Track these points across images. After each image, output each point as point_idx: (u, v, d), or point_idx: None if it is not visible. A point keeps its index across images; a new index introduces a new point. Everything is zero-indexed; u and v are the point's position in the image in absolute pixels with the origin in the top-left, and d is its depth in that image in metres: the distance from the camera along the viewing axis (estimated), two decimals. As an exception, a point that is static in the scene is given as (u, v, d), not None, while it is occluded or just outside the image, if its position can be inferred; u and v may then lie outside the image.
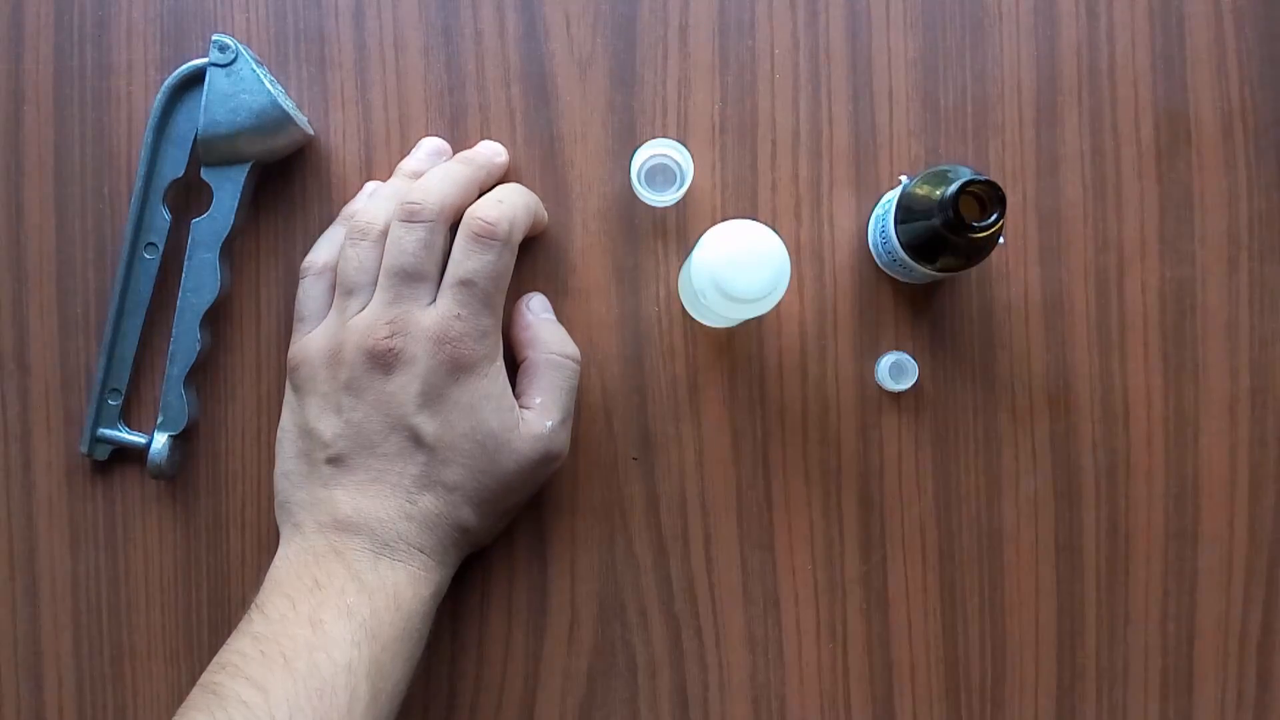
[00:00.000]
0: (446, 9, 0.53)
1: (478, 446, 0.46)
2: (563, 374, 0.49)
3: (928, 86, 0.53)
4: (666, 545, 0.52)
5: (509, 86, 0.53)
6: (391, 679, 0.43)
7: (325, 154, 0.53)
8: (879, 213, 0.50)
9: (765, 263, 0.44)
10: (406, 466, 0.46)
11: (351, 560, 0.45)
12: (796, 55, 0.53)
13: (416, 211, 0.46)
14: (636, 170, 0.50)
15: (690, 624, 0.52)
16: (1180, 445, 0.52)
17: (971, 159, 0.53)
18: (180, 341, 0.51)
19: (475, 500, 0.47)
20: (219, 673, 0.41)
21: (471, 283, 0.46)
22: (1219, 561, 0.52)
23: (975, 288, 0.52)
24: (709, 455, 0.52)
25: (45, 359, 0.52)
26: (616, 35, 0.53)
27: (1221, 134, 0.53)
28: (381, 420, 0.46)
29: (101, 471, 0.52)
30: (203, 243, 0.50)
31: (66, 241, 0.52)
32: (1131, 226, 0.53)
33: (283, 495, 0.48)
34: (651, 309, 0.52)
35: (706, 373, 0.52)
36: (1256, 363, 0.53)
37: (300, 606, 0.43)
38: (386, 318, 0.46)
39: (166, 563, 0.52)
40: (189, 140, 0.50)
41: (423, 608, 0.45)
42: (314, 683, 0.40)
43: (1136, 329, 0.53)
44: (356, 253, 0.47)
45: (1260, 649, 0.52)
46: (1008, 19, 0.53)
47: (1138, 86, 0.53)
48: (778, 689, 0.52)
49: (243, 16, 0.53)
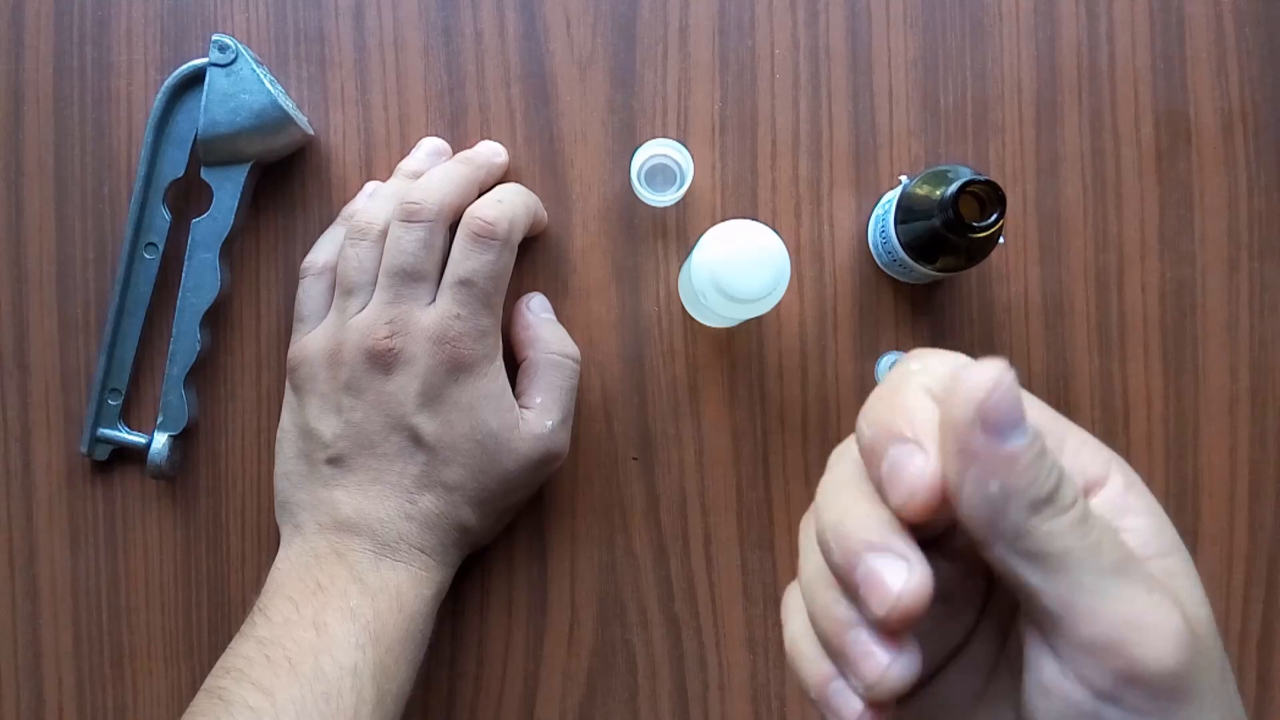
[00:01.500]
0: (446, 9, 0.53)
1: (477, 446, 0.46)
2: (563, 374, 0.49)
3: (928, 86, 0.53)
4: (666, 545, 0.52)
5: (509, 86, 0.53)
6: (396, 681, 0.43)
7: (325, 154, 0.53)
8: (879, 213, 0.50)
9: (765, 263, 0.43)
10: (407, 466, 0.46)
11: (353, 561, 0.45)
12: (796, 55, 0.53)
13: (416, 211, 0.46)
14: (636, 170, 0.50)
15: (690, 624, 0.52)
16: (1180, 445, 0.52)
17: (971, 159, 0.53)
18: (180, 341, 0.51)
19: (475, 500, 0.47)
20: (224, 677, 0.41)
21: (471, 282, 0.46)
22: (1219, 561, 0.52)
23: (975, 288, 0.52)
24: (709, 455, 0.52)
25: (45, 359, 0.52)
26: (616, 35, 0.53)
27: (1221, 134, 0.53)
28: (381, 420, 0.46)
29: (101, 471, 0.52)
30: (203, 243, 0.50)
31: (66, 241, 0.52)
32: (1131, 226, 0.53)
33: (283, 496, 0.48)
34: (651, 309, 0.52)
35: (706, 373, 0.52)
36: (1256, 363, 0.53)
37: (303, 609, 0.43)
38: (386, 318, 0.46)
39: (166, 563, 0.52)
40: (189, 140, 0.50)
41: (425, 608, 0.45)
42: (320, 686, 0.40)
43: (1136, 329, 0.52)
44: (356, 253, 0.47)
45: (1260, 649, 0.52)
46: (1008, 19, 0.53)
47: (1138, 86, 0.53)
48: (778, 689, 0.52)
49: (243, 16, 0.53)
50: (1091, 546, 0.24)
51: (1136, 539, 0.26)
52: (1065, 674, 0.24)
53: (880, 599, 0.24)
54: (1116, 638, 0.23)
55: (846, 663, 0.25)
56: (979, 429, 0.23)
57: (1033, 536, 0.24)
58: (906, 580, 0.24)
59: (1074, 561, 0.24)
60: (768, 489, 0.52)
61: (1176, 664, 0.23)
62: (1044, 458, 0.24)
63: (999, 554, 0.24)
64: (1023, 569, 0.24)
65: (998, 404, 0.23)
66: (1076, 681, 0.24)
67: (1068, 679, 0.24)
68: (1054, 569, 0.24)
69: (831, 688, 0.26)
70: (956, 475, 0.24)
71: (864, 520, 0.25)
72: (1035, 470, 0.23)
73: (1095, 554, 0.24)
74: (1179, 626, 0.24)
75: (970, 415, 0.23)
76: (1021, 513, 0.24)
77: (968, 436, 0.23)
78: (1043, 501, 0.24)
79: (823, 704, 0.26)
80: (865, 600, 0.24)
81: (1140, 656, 0.23)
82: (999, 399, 0.23)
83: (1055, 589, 0.24)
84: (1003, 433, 0.23)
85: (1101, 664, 0.24)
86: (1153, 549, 0.26)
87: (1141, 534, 0.26)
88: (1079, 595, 0.24)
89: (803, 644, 0.27)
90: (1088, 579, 0.24)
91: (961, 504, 0.24)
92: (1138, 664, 0.23)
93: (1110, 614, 0.23)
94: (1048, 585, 0.24)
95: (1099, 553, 0.24)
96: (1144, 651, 0.23)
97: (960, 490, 0.24)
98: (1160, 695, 0.23)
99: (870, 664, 0.25)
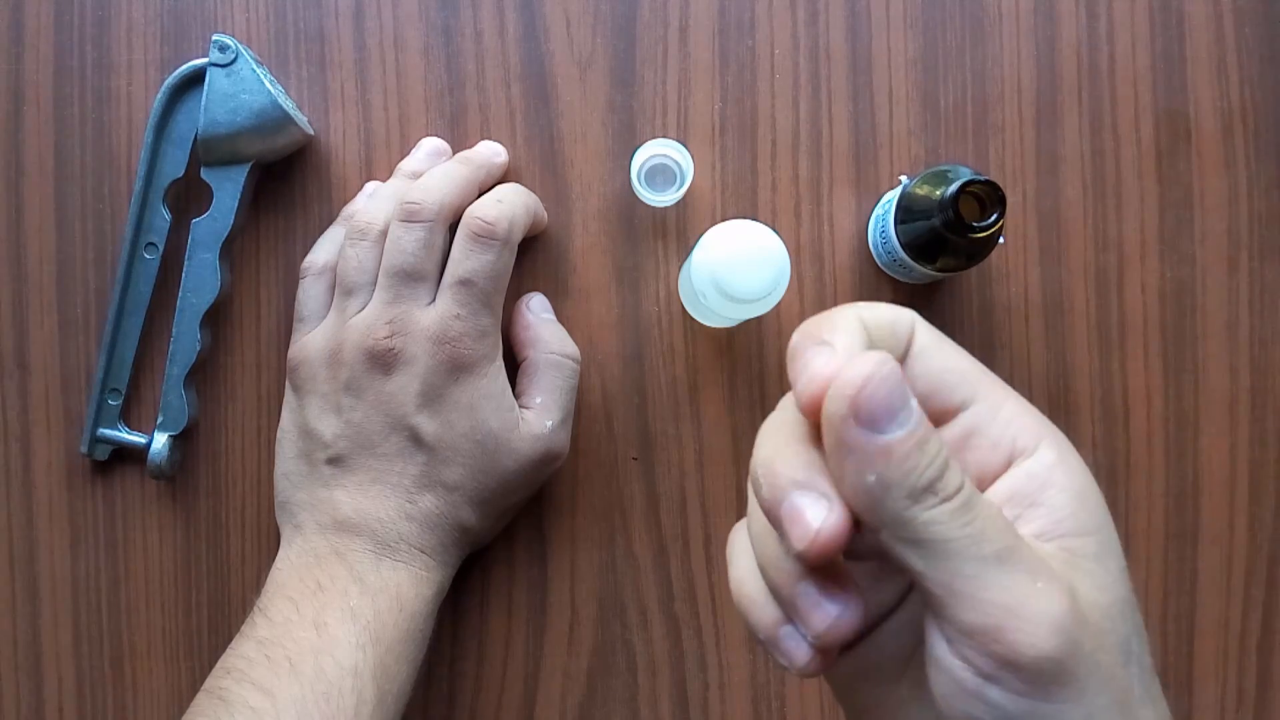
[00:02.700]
0: (446, 9, 0.53)
1: (477, 446, 0.46)
2: (563, 374, 0.49)
3: (928, 86, 0.53)
4: (666, 545, 0.52)
5: (509, 86, 0.53)
6: (397, 681, 0.43)
7: (325, 154, 0.53)
8: (879, 213, 0.50)
9: (765, 263, 0.43)
10: (407, 466, 0.46)
11: (353, 562, 0.45)
12: (796, 55, 0.53)
13: (416, 211, 0.46)
14: (636, 170, 0.50)
15: (690, 624, 0.52)
16: (1180, 445, 0.52)
17: (971, 159, 0.53)
18: (180, 341, 0.51)
19: (475, 500, 0.47)
20: (224, 678, 0.41)
21: (471, 282, 0.46)
22: (1219, 561, 0.52)
23: (975, 288, 0.52)
24: (709, 455, 0.52)
25: (45, 359, 0.52)
26: (616, 35, 0.53)
27: (1221, 134, 0.53)
28: (381, 420, 0.46)
29: (101, 471, 0.52)
30: (203, 243, 0.50)
31: (66, 241, 0.52)
32: (1131, 226, 0.53)
33: (283, 496, 0.48)
34: (651, 309, 0.52)
35: (706, 373, 0.52)
36: (1256, 363, 0.53)
37: (304, 609, 0.43)
38: (386, 317, 0.46)
39: (166, 563, 0.52)
40: (189, 140, 0.50)
41: (425, 608, 0.45)
42: (320, 687, 0.40)
43: (1136, 329, 0.52)
44: (356, 253, 0.47)
45: (1260, 649, 0.52)
46: (1008, 19, 0.53)
47: (1138, 86, 0.53)
48: (778, 689, 0.52)
49: (243, 16, 0.53)
50: (973, 535, 0.24)
51: (1050, 516, 0.27)
52: (952, 653, 0.25)
53: (801, 533, 0.25)
54: (994, 624, 0.24)
55: (796, 612, 0.27)
56: (853, 422, 0.24)
57: (912, 525, 0.24)
58: (825, 517, 0.25)
59: (955, 550, 0.24)
60: (768, 489, 0.52)
61: (1054, 649, 0.24)
62: (924, 448, 0.24)
63: (884, 539, 0.25)
64: (906, 555, 0.25)
65: (871, 396, 0.24)
66: (961, 661, 0.25)
67: (955, 658, 0.25)
68: (935, 556, 0.24)
69: (781, 632, 0.27)
70: (836, 467, 0.25)
71: (792, 459, 0.26)
72: (913, 461, 0.24)
73: (977, 542, 0.24)
74: (1059, 614, 0.24)
75: (844, 409, 0.24)
76: (900, 502, 0.24)
77: (842, 429, 0.24)
78: (921, 490, 0.24)
79: (772, 646, 0.28)
80: (787, 534, 0.25)
81: (1015, 642, 0.24)
82: (873, 391, 0.24)
83: (937, 575, 0.24)
84: (877, 424, 0.24)
85: (981, 648, 0.24)
86: (1066, 528, 0.27)
87: (1057, 511, 0.27)
88: (959, 582, 0.24)
89: (749, 587, 0.28)
90: (968, 566, 0.24)
91: (843, 494, 0.25)
92: (1013, 650, 0.24)
93: (989, 601, 0.24)
94: (930, 571, 0.24)
95: (981, 541, 0.24)
96: (1019, 638, 0.24)
97: (841, 481, 0.25)
98: (1038, 679, 0.24)
99: (819, 614, 0.26)
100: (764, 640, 0.28)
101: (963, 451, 0.28)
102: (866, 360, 0.24)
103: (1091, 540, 0.27)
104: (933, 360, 0.28)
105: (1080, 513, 0.27)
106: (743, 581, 0.28)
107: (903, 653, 0.29)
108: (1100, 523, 0.27)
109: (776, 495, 0.26)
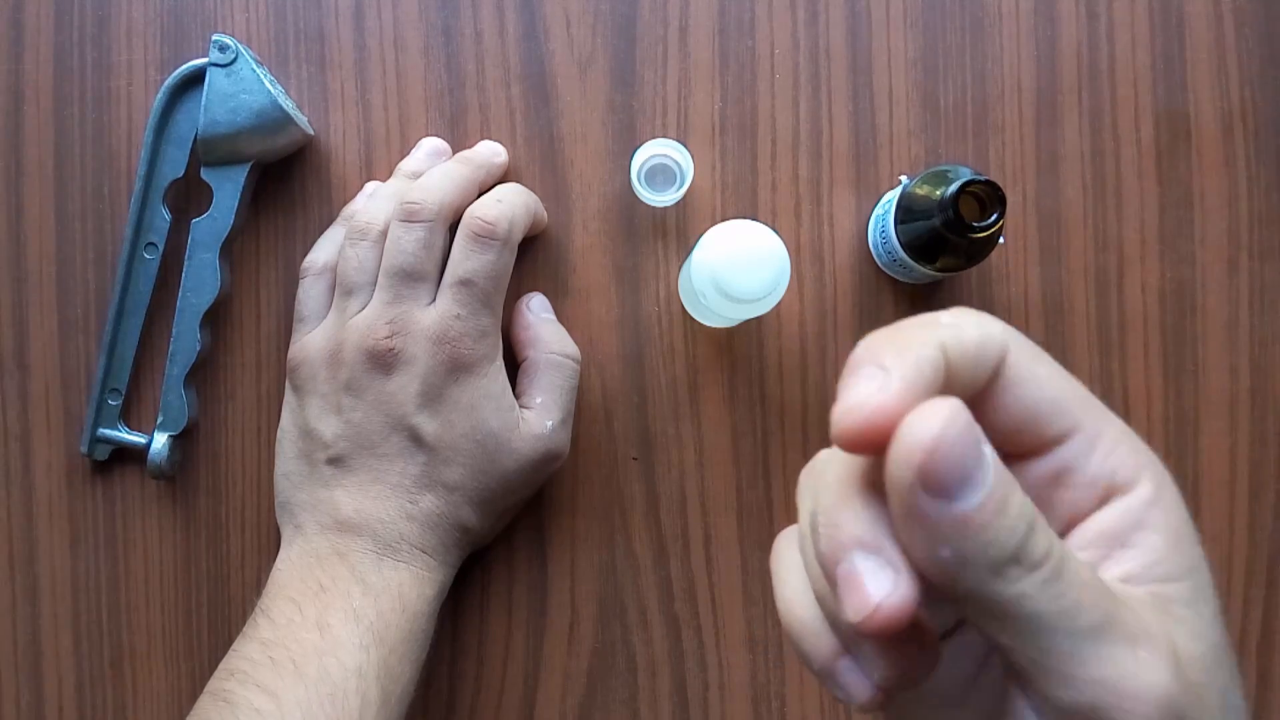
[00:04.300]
0: (446, 9, 0.53)
1: (478, 446, 0.46)
2: (563, 374, 0.49)
3: (928, 86, 0.53)
4: (666, 545, 0.52)
5: (509, 86, 0.53)
6: (400, 681, 0.43)
7: (325, 154, 0.53)
8: (879, 213, 0.50)
9: (765, 263, 0.43)
10: (407, 466, 0.46)
11: (355, 562, 0.45)
12: (796, 55, 0.53)
13: (416, 211, 0.46)
14: (636, 170, 0.50)
15: (690, 624, 0.52)
16: (1180, 445, 0.52)
17: (971, 159, 0.53)
18: (180, 341, 0.51)
19: (476, 500, 0.47)
20: (228, 679, 0.41)
21: (471, 282, 0.46)
22: (1219, 561, 0.52)
23: (975, 288, 0.52)
24: (709, 455, 0.52)
25: (45, 359, 0.52)
26: (616, 35, 0.53)
27: (1221, 134, 0.53)
28: (382, 420, 0.46)
29: (101, 471, 0.52)
30: (203, 243, 0.50)
31: (66, 241, 0.52)
32: (1131, 226, 0.53)
33: (283, 496, 0.48)
34: (651, 309, 0.52)
35: (706, 373, 0.52)
36: (1256, 363, 0.53)
37: (306, 610, 0.43)
38: (386, 318, 0.46)
39: (166, 563, 0.52)
40: (189, 140, 0.50)
41: (427, 608, 0.45)
42: (325, 688, 0.40)
43: (1136, 329, 0.52)
44: (356, 253, 0.47)
45: (1260, 649, 0.52)
46: (1008, 19, 0.53)
47: (1138, 86, 0.53)
48: (777, 689, 0.52)
49: (243, 16, 0.53)
50: (1066, 610, 0.21)
51: (1142, 559, 0.24)
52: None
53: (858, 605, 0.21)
54: (1092, 704, 0.21)
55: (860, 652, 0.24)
56: (921, 491, 0.20)
57: (996, 601, 0.21)
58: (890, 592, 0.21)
59: (1046, 625, 0.21)
60: (768, 489, 0.52)
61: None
62: (1005, 511, 0.21)
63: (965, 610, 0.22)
64: (989, 627, 0.22)
65: (942, 461, 0.20)
66: None
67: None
68: (1023, 632, 0.21)
69: (841, 665, 0.24)
70: (905, 536, 0.21)
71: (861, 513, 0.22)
72: (994, 530, 0.21)
73: (1071, 616, 0.21)
74: (1163, 688, 0.21)
75: (910, 477, 0.20)
76: (981, 575, 0.21)
77: (910, 499, 0.20)
78: (1005, 563, 0.21)
79: (827, 679, 0.24)
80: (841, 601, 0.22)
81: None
82: (944, 455, 0.20)
83: (1026, 651, 0.22)
84: (949, 493, 0.20)
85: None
86: (1159, 572, 0.24)
87: (1150, 554, 0.24)
88: (1053, 659, 0.21)
89: (803, 612, 0.25)
90: (1063, 642, 0.21)
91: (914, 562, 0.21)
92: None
93: (1087, 680, 0.21)
94: (1018, 645, 0.22)
95: (1076, 614, 0.21)
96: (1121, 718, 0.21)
97: (910, 551, 0.21)
98: None
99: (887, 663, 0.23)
100: (817, 671, 0.24)
101: (1055, 489, 0.25)
102: (935, 416, 0.20)
103: (1186, 585, 0.24)
104: (1026, 390, 0.24)
105: (1175, 555, 0.24)
106: (793, 604, 0.25)
107: (966, 677, 0.26)
108: (1194, 565, 0.24)
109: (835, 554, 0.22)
